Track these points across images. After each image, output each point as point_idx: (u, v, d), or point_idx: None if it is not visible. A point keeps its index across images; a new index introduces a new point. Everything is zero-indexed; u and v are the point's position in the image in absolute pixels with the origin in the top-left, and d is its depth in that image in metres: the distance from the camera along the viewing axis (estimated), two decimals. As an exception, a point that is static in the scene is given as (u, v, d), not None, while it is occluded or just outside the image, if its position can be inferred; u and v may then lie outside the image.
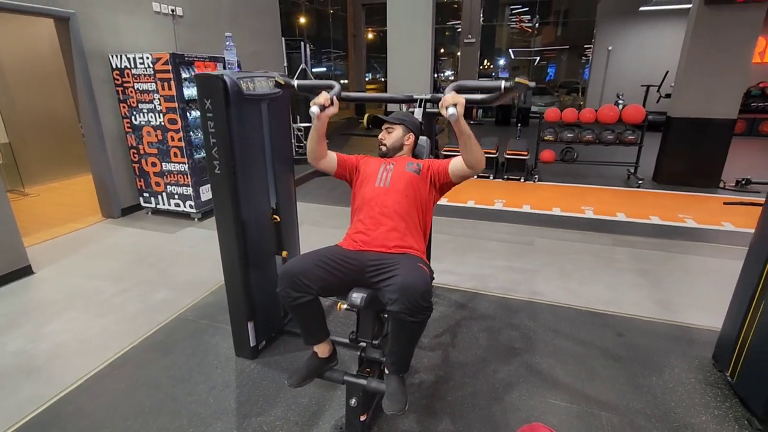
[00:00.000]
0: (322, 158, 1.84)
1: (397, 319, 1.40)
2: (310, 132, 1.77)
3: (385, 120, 1.90)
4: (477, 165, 1.60)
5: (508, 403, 1.91)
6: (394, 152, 1.88)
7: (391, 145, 1.87)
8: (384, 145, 1.88)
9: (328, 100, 1.63)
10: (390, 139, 1.88)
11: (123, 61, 3.92)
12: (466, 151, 1.57)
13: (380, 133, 1.92)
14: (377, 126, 1.95)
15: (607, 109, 5.44)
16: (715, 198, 5.03)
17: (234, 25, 5.48)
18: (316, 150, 1.79)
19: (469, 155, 1.57)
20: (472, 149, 1.55)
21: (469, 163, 1.60)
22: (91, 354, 2.28)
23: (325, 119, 1.69)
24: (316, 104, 1.61)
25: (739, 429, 1.77)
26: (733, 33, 4.86)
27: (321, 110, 1.61)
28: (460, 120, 1.45)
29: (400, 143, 1.88)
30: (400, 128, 1.88)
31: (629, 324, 2.53)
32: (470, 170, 1.64)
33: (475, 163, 1.59)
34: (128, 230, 4.09)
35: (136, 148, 4.21)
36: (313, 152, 1.80)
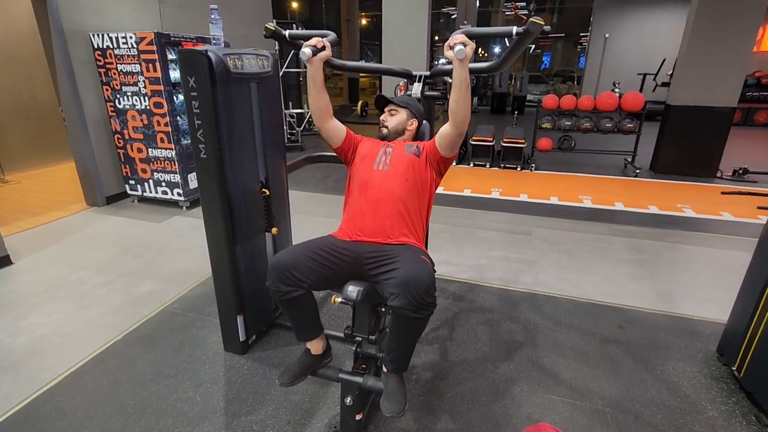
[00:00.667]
0: (328, 117, 1.68)
1: (399, 315, 1.30)
2: (307, 84, 1.62)
3: (390, 101, 1.78)
4: (463, 120, 1.48)
5: (509, 399, 1.84)
6: (395, 136, 1.77)
7: (393, 128, 1.76)
8: (385, 127, 1.76)
9: (321, 43, 1.51)
10: (393, 122, 1.76)
11: (105, 40, 3.72)
12: (457, 102, 1.44)
13: (382, 115, 1.80)
14: (380, 107, 1.83)
15: (606, 96, 5.35)
16: (713, 188, 4.99)
17: (222, 6, 5.22)
18: (319, 103, 1.63)
19: (458, 107, 1.45)
20: (464, 100, 1.43)
21: (455, 116, 1.48)
22: (72, 348, 2.16)
23: (319, 65, 1.56)
24: (307, 46, 1.48)
25: (747, 425, 1.71)
26: (735, 21, 4.76)
27: (313, 53, 1.49)
28: (465, 61, 1.35)
29: (403, 127, 1.77)
30: (405, 112, 1.77)
31: (629, 315, 2.47)
32: (454, 129, 1.51)
33: (462, 118, 1.47)
34: (113, 219, 3.94)
35: (120, 133, 4.03)
36: (315, 107, 1.64)
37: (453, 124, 1.52)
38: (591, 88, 11.82)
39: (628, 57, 11.00)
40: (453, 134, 1.54)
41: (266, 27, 1.64)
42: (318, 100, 1.63)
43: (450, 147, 1.60)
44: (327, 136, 1.72)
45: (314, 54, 1.51)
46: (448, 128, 1.54)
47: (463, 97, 1.43)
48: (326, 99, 1.66)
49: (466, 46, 1.32)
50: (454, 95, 1.45)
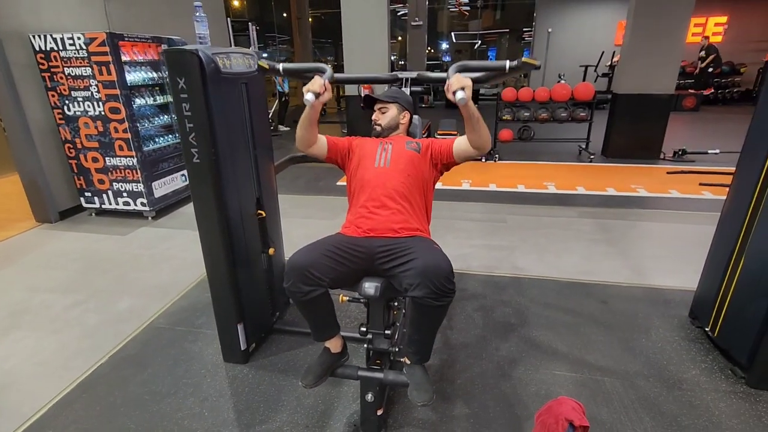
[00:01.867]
0: (312, 144, 1.73)
1: (421, 304, 1.32)
2: (301, 119, 1.65)
3: (378, 99, 1.79)
4: (484, 146, 1.57)
5: (516, 379, 1.92)
6: (389, 132, 1.78)
7: (387, 125, 1.78)
8: (379, 125, 1.78)
9: (322, 87, 1.52)
10: (385, 119, 1.78)
11: (48, 42, 3.42)
12: (474, 134, 1.53)
13: (373, 114, 1.81)
14: (369, 106, 1.83)
15: (559, 87, 5.64)
16: (659, 168, 5.42)
17: (173, 4, 4.98)
18: (307, 137, 1.69)
19: (477, 137, 1.54)
20: (480, 131, 1.52)
21: (475, 144, 1.57)
22: (51, 377, 1.99)
23: (319, 106, 1.59)
24: (310, 91, 1.49)
25: (725, 379, 1.90)
26: (669, 13, 5.19)
27: (316, 98, 1.51)
28: (469, 103, 1.40)
29: (396, 122, 1.79)
30: (395, 107, 1.79)
31: (609, 291, 2.65)
32: (476, 151, 1.60)
33: (482, 144, 1.56)
34: (70, 235, 3.64)
35: (72, 142, 3.73)
36: (304, 139, 1.70)
37: (476, 148, 1.59)
38: (538, 80, 12.40)
39: (571, 50, 11.65)
40: (475, 153, 1.63)
41: (260, 65, 1.70)
42: (309, 134, 1.68)
43: (466, 159, 1.68)
44: (313, 155, 1.78)
45: (317, 98, 1.52)
46: (471, 149, 1.61)
47: (478, 128, 1.51)
48: (316, 133, 1.71)
49: (465, 89, 1.36)
50: (469, 127, 1.52)
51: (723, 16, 11.05)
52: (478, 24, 20.81)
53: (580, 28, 11.62)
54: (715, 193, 4.30)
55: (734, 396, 1.80)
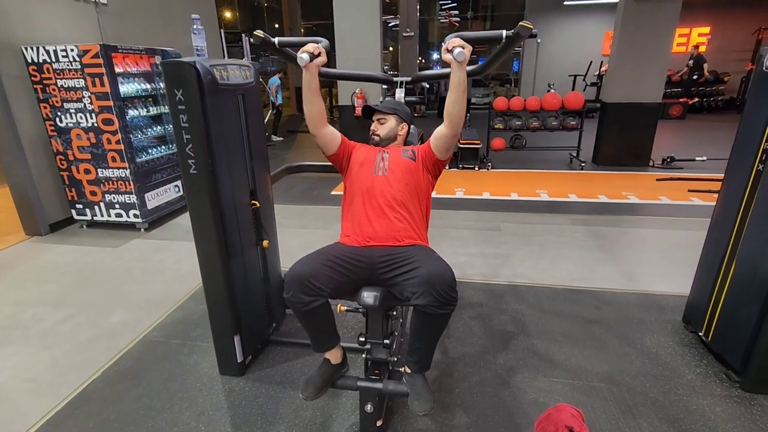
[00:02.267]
0: (323, 124, 1.68)
1: (425, 313, 1.32)
2: (303, 92, 1.62)
3: (376, 110, 1.80)
4: (458, 121, 1.54)
5: (514, 387, 1.92)
6: (388, 142, 1.79)
7: (385, 136, 1.78)
8: (377, 136, 1.79)
9: (317, 49, 1.52)
10: (383, 130, 1.79)
11: (41, 54, 3.41)
12: (453, 103, 1.50)
13: (372, 124, 1.82)
14: (368, 116, 1.85)
15: (550, 96, 5.74)
16: (649, 175, 5.51)
17: (166, 16, 5.01)
18: (315, 110, 1.63)
19: (455, 108, 1.50)
20: (461, 101, 1.49)
21: (451, 117, 1.52)
22: (43, 393, 1.95)
23: (315, 71, 1.56)
24: (304, 52, 1.48)
25: (720, 383, 1.92)
26: (655, 24, 5.33)
27: (310, 59, 1.50)
28: (464, 64, 1.40)
29: (395, 133, 1.80)
30: (393, 118, 1.80)
31: (603, 297, 2.67)
32: (450, 130, 1.56)
33: (457, 119, 1.53)
34: (61, 248, 3.59)
35: (63, 154, 3.70)
36: (312, 114, 1.63)
37: (449, 125, 1.56)
38: (528, 89, 12.59)
39: (560, 60, 11.86)
40: (449, 134, 1.59)
41: (255, 35, 1.60)
42: (314, 106, 1.63)
43: (446, 148, 1.65)
44: (323, 143, 1.72)
45: (311, 60, 1.51)
46: (444, 129, 1.59)
47: (461, 98, 1.49)
48: (322, 105, 1.66)
49: (464, 48, 1.38)
50: (451, 96, 1.50)
51: (706, 26, 11.36)
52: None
53: (568, 39, 11.86)
54: (704, 200, 4.38)
55: (729, 400, 1.82)
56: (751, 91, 1.92)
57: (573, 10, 11.43)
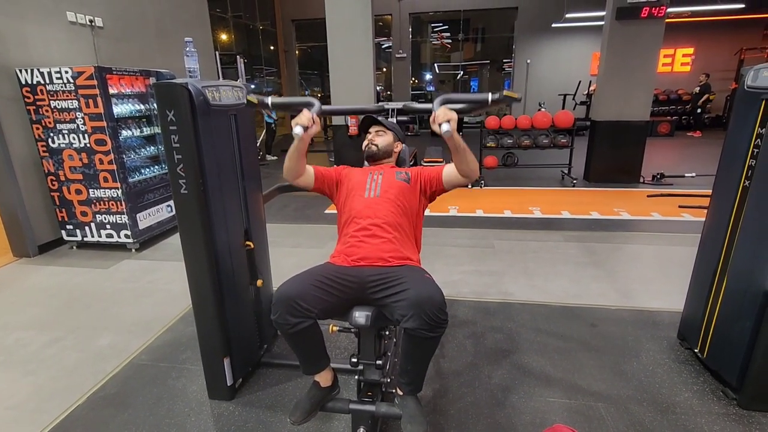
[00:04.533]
0: (300, 175, 1.76)
1: (414, 336, 1.30)
2: (289, 151, 1.67)
3: (378, 122, 1.84)
4: (472, 174, 1.61)
5: (510, 407, 1.89)
6: (384, 156, 1.82)
7: (383, 148, 1.82)
8: (375, 145, 1.82)
9: (311, 120, 1.55)
10: (382, 142, 1.84)
11: (35, 76, 3.43)
12: (461, 163, 1.57)
13: (369, 135, 1.85)
14: (366, 128, 1.88)
15: (540, 115, 5.83)
16: (639, 192, 5.57)
17: (162, 39, 5.08)
18: (296, 169, 1.72)
19: (465, 166, 1.58)
20: (467, 161, 1.56)
21: (464, 173, 1.61)
22: (24, 422, 1.88)
23: (308, 139, 1.62)
24: (299, 125, 1.53)
25: (717, 401, 1.90)
26: (640, 45, 5.48)
27: (304, 131, 1.54)
28: (455, 135, 1.44)
29: (391, 149, 1.85)
30: (392, 135, 1.86)
31: (598, 314, 2.66)
32: (465, 179, 1.64)
33: (470, 173, 1.60)
34: (50, 269, 3.54)
35: (55, 175, 3.68)
36: (292, 170, 1.72)
37: (464, 176, 1.63)
38: (519, 109, 12.80)
39: (549, 80, 12.12)
40: (464, 182, 1.67)
41: (248, 100, 1.72)
42: (297, 166, 1.71)
43: (455, 186, 1.72)
44: (300, 186, 1.81)
45: (305, 131, 1.56)
46: (460, 178, 1.64)
47: (465, 157, 1.55)
48: (304, 164, 1.74)
49: (450, 121, 1.41)
50: (457, 160, 1.57)
51: (690, 47, 11.70)
52: (460, 56, 21.57)
53: (556, 59, 12.14)
54: (695, 215, 4.42)
55: (727, 418, 1.79)
56: (734, 110, 1.96)
57: (561, 32, 11.75)
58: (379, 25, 16.51)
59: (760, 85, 1.76)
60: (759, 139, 1.76)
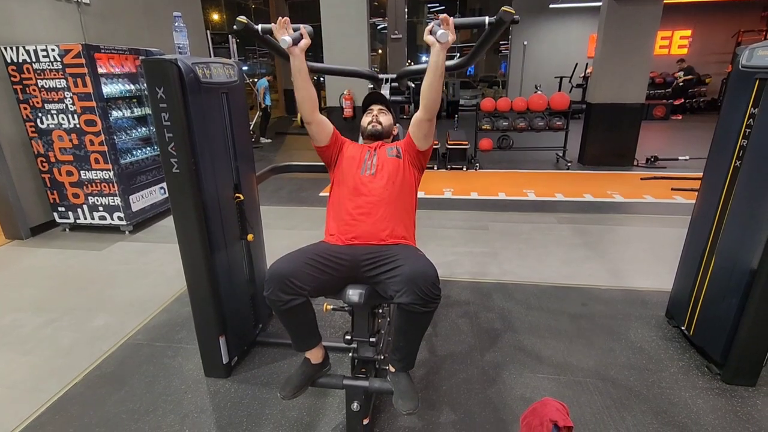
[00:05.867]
0: (316, 110, 1.64)
1: (408, 311, 1.32)
2: (292, 77, 1.58)
3: (384, 100, 1.82)
4: (434, 105, 1.53)
5: (501, 383, 1.93)
6: (386, 135, 1.81)
7: (386, 127, 1.81)
8: (379, 123, 1.79)
9: (300, 31, 1.49)
10: (386, 121, 1.82)
11: (21, 54, 3.34)
12: (430, 86, 1.49)
13: (372, 113, 1.82)
14: (369, 103, 1.85)
15: (536, 97, 5.80)
16: (633, 175, 5.60)
17: (151, 16, 4.95)
18: (306, 95, 1.59)
19: (431, 91, 1.50)
20: (437, 85, 1.49)
21: (427, 100, 1.52)
22: (22, 399, 1.90)
23: (300, 54, 1.52)
24: (286, 35, 1.44)
25: (701, 376, 1.95)
26: (637, 26, 5.43)
27: (294, 42, 1.45)
28: (446, 46, 1.41)
29: (391, 129, 1.84)
30: (391, 116, 1.84)
31: (589, 294, 2.70)
32: (426, 114, 1.56)
33: (433, 103, 1.52)
34: (43, 251, 3.52)
35: (45, 156, 3.63)
36: (304, 99, 1.60)
37: (424, 109, 1.56)
38: (515, 91, 12.71)
39: (546, 62, 12.01)
40: (424, 119, 1.58)
41: (238, 20, 1.56)
42: (306, 92, 1.60)
43: (424, 136, 1.65)
44: (315, 131, 1.69)
45: (295, 43, 1.47)
46: (420, 114, 1.58)
47: (437, 81, 1.49)
48: (313, 91, 1.64)
49: (448, 31, 1.38)
50: (428, 79, 1.49)
51: (687, 29, 11.59)
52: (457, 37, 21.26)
53: (554, 41, 12.01)
54: (687, 198, 4.46)
55: (711, 392, 1.85)
56: (728, 90, 1.96)
57: (559, 13, 11.59)
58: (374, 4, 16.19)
59: (755, 64, 1.76)
60: (751, 119, 1.77)
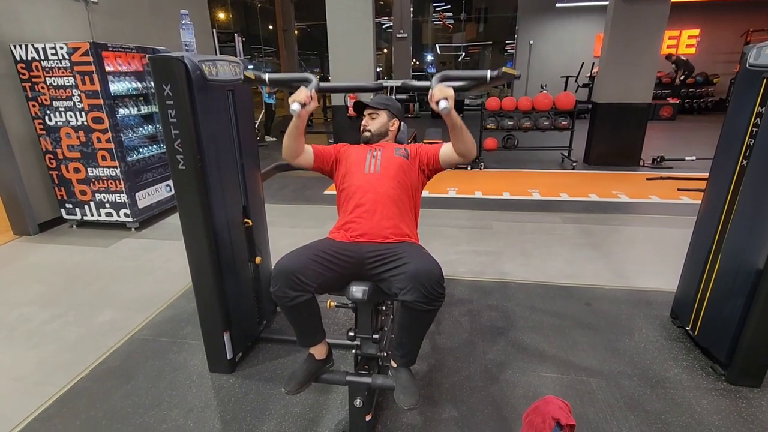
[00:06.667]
0: (299, 155, 1.74)
1: (412, 309, 1.33)
2: (288, 130, 1.65)
3: (368, 105, 1.81)
4: (469, 154, 1.60)
5: (503, 381, 1.93)
6: (378, 138, 1.80)
7: (376, 131, 1.80)
8: (368, 131, 1.80)
9: (308, 97, 1.53)
10: (375, 125, 1.80)
11: (30, 52, 3.38)
12: (458, 141, 1.56)
13: (363, 119, 1.83)
14: (359, 112, 1.86)
15: (542, 96, 5.78)
16: (639, 175, 5.57)
17: (158, 15, 4.99)
18: (294, 147, 1.69)
19: (461, 145, 1.57)
20: (464, 139, 1.54)
21: (460, 151, 1.60)
22: (29, 393, 1.93)
23: (306, 116, 1.60)
24: (296, 102, 1.50)
25: (706, 376, 1.94)
26: (644, 25, 5.39)
27: (302, 107, 1.51)
28: (452, 112, 1.42)
29: (386, 129, 1.82)
30: (385, 113, 1.82)
31: (593, 293, 2.69)
32: (461, 159, 1.63)
33: (467, 152, 1.59)
34: (50, 247, 3.56)
35: (53, 153, 3.66)
36: (290, 149, 1.70)
37: (461, 156, 1.62)
38: (521, 90, 12.66)
39: (552, 61, 11.96)
40: (460, 160, 1.66)
41: (245, 76, 1.65)
42: (296, 145, 1.69)
43: (451, 165, 1.71)
44: (299, 165, 1.78)
45: (302, 108, 1.53)
46: (456, 156, 1.63)
47: (462, 136, 1.53)
48: (302, 143, 1.72)
49: (448, 98, 1.38)
50: (454, 138, 1.56)
51: (695, 29, 11.50)
52: (462, 36, 21.23)
53: (560, 40, 11.96)
54: (693, 198, 4.43)
55: (715, 393, 1.84)
56: (735, 89, 1.95)
57: (565, 12, 11.54)
58: (379, 3, 16.19)
59: (763, 63, 1.75)
60: (758, 118, 1.75)
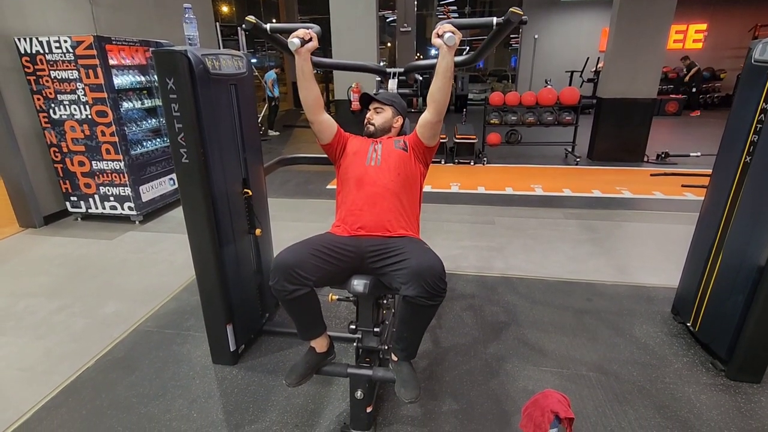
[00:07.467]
0: (320, 110, 1.67)
1: (413, 304, 1.34)
2: (297, 79, 1.61)
3: (374, 99, 1.81)
4: (443, 107, 1.55)
5: (503, 375, 1.95)
6: (381, 133, 1.80)
7: (380, 126, 1.79)
8: (372, 125, 1.79)
9: (308, 34, 1.53)
10: (379, 120, 1.79)
11: (34, 45, 3.39)
12: (440, 89, 1.51)
13: (368, 113, 1.83)
14: (365, 105, 1.85)
15: (546, 91, 5.75)
16: (643, 171, 5.54)
17: (161, 8, 4.98)
18: (310, 95, 1.62)
19: (440, 94, 1.51)
20: (446, 87, 1.50)
21: (436, 103, 1.53)
22: (36, 382, 1.96)
23: (307, 55, 1.55)
24: (295, 36, 1.49)
25: (706, 372, 1.95)
26: (650, 20, 5.34)
27: (301, 44, 1.50)
28: (453, 49, 1.41)
29: (389, 125, 1.80)
30: (390, 110, 1.80)
31: (594, 289, 2.70)
32: (435, 116, 1.57)
33: (442, 105, 1.54)
34: (55, 240, 3.59)
35: (57, 146, 3.69)
36: (308, 99, 1.63)
37: (433, 111, 1.57)
38: (525, 85, 12.60)
39: (556, 56, 11.87)
40: (433, 121, 1.60)
41: (247, 20, 1.60)
42: (309, 92, 1.63)
43: (431, 135, 1.66)
44: (319, 129, 1.71)
45: (302, 45, 1.51)
46: (428, 115, 1.59)
47: (446, 84, 1.50)
48: (317, 90, 1.66)
49: (455, 34, 1.39)
50: (438, 82, 1.51)
51: (703, 23, 11.37)
52: (467, 30, 21.08)
53: (565, 35, 11.86)
54: (697, 194, 4.40)
55: (714, 388, 1.85)
56: (740, 84, 1.93)
57: (570, 7, 11.43)
58: (383, -3, 16.06)
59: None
60: (763, 115, 1.74)
